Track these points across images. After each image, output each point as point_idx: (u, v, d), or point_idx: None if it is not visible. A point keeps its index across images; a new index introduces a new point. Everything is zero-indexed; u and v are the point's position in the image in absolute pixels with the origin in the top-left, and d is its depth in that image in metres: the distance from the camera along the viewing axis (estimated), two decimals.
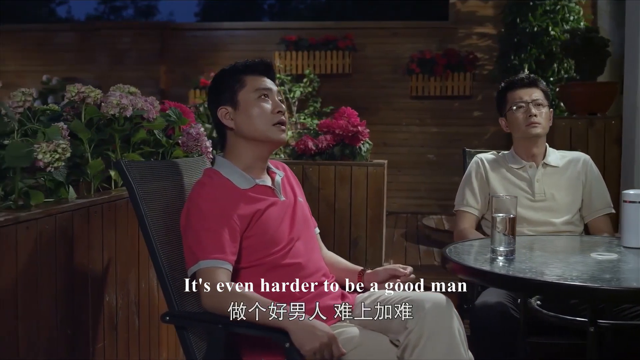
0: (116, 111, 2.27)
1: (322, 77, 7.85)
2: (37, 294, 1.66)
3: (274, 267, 1.87)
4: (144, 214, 1.78)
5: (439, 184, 8.00)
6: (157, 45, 8.40)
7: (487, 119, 8.00)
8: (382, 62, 8.10)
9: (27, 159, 1.57)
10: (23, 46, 8.78)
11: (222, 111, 1.96)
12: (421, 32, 8.17)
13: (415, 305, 1.73)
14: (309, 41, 7.86)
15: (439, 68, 7.75)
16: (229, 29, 8.73)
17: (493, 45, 7.94)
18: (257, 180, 1.96)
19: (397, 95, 8.06)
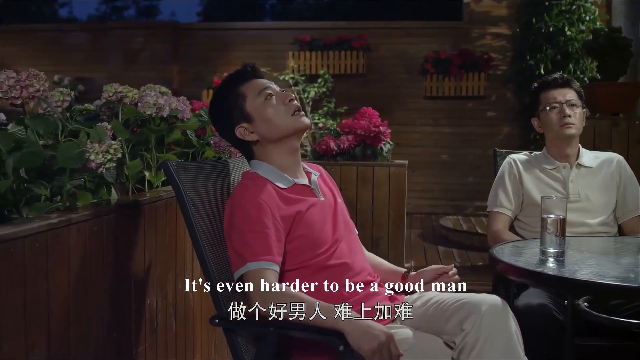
0: (153, 111, 2.24)
1: (336, 77, 7.84)
2: (87, 297, 1.63)
3: (320, 268, 1.85)
4: (191, 215, 1.75)
5: (452, 185, 7.98)
6: (169, 45, 8.38)
7: (500, 120, 7.98)
8: (396, 62, 8.08)
9: (79, 159, 1.54)
10: (34, 46, 8.77)
11: (240, 130, 1.95)
12: (435, 32, 8.16)
13: (471, 307, 1.71)
14: (323, 41, 7.83)
15: (453, 68, 7.73)
16: (241, 29, 8.72)
17: (507, 45, 7.92)
18: (295, 180, 1.94)
19: (411, 95, 8.04)
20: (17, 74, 1.59)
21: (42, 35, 9.13)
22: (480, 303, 1.71)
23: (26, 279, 1.36)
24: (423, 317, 1.82)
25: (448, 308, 1.75)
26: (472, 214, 7.51)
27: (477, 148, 8.01)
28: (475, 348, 1.65)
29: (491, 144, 8.00)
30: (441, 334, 1.76)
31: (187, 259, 2.36)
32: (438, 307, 1.79)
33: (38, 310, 1.42)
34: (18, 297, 1.33)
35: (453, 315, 1.72)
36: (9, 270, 1.29)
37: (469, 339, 1.66)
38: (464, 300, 1.74)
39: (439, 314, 1.77)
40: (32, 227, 1.37)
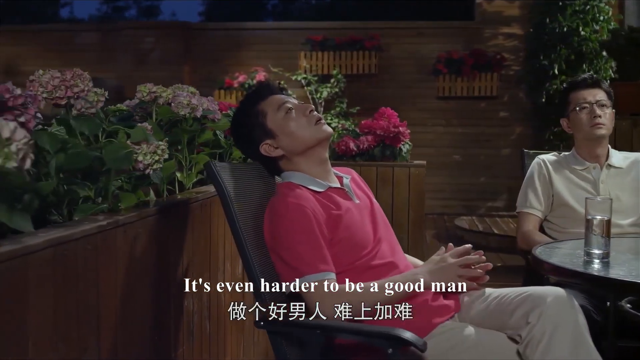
0: (187, 111, 2.22)
1: (348, 77, 7.81)
2: (132, 300, 1.61)
3: (365, 269, 1.84)
4: (235, 217, 1.74)
5: (464, 185, 7.96)
6: (180, 46, 8.36)
7: (513, 120, 7.96)
8: (407, 62, 8.06)
9: (127, 161, 1.52)
10: (44, 46, 8.76)
11: (264, 147, 1.96)
12: (447, 32, 8.14)
13: (535, 299, 1.70)
14: (334, 41, 7.81)
15: (466, 68, 7.70)
16: (252, 29, 8.69)
17: (519, 45, 7.89)
18: (329, 184, 1.94)
19: (423, 95, 8.01)
20: (61, 73, 1.57)
21: (52, 35, 9.11)
22: (545, 295, 1.70)
23: (79, 282, 1.34)
24: (484, 313, 1.81)
25: (511, 302, 1.74)
26: (484, 214, 7.49)
27: (489, 148, 7.99)
28: (542, 340, 1.64)
29: (503, 145, 7.99)
30: (505, 328, 1.74)
31: (220, 260, 2.34)
32: (500, 302, 1.78)
33: (89, 313, 1.40)
34: (72, 301, 1.31)
35: (517, 309, 1.71)
36: (65, 273, 1.27)
37: (535, 332, 1.65)
38: (527, 293, 1.73)
39: (501, 309, 1.76)
40: (84, 230, 1.35)
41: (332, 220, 1.84)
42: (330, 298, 1.70)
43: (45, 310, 1.21)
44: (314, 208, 1.81)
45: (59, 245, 1.25)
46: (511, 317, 1.72)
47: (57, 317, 1.26)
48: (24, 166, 1.10)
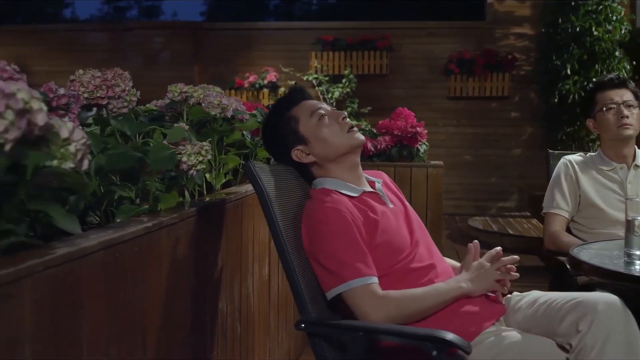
0: (217, 111, 2.21)
1: (359, 77, 7.80)
2: (173, 302, 1.59)
3: (405, 273, 1.82)
4: (275, 219, 1.72)
5: (475, 185, 7.94)
6: (190, 46, 8.35)
7: (524, 120, 7.94)
8: (418, 62, 8.04)
9: (171, 161, 1.50)
10: (53, 46, 8.75)
11: (296, 153, 1.96)
12: (458, 32, 8.11)
13: (586, 306, 1.66)
14: (346, 41, 7.79)
15: (478, 68, 7.68)
16: (262, 29, 8.67)
17: (530, 45, 7.87)
18: (362, 188, 1.94)
19: (434, 95, 7.99)
20: (102, 73, 1.56)
21: (60, 36, 9.10)
22: (596, 302, 1.66)
23: (127, 284, 1.32)
24: (532, 319, 1.78)
25: (561, 308, 1.71)
26: (495, 214, 7.47)
27: (500, 149, 7.97)
28: (594, 349, 1.60)
29: (514, 145, 7.97)
30: (554, 335, 1.71)
31: (249, 262, 2.32)
32: (549, 308, 1.75)
33: (136, 316, 1.38)
34: (121, 303, 1.29)
35: (567, 316, 1.67)
36: (115, 275, 1.26)
37: (587, 340, 1.61)
38: (578, 300, 1.70)
39: (550, 315, 1.73)
40: (133, 231, 1.33)
41: (370, 225, 1.83)
42: (374, 303, 1.70)
43: (98, 313, 1.19)
44: (352, 212, 1.80)
45: (111, 247, 1.23)
46: (561, 324, 1.69)
47: (108, 320, 1.24)
48: (81, 167, 1.08)
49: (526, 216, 7.12)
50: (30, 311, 0.97)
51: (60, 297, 1.06)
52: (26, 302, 0.97)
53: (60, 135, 1.05)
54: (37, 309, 0.99)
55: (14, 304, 0.94)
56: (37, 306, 0.99)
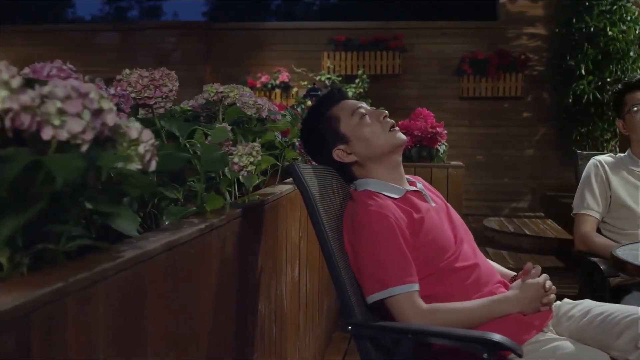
0: (253, 112, 2.19)
1: (371, 77, 7.78)
2: (221, 305, 1.57)
3: (450, 272, 1.80)
4: (321, 220, 1.70)
5: (487, 186, 7.90)
6: (201, 46, 8.33)
7: (536, 120, 7.91)
8: (431, 62, 8.01)
9: (223, 162, 1.48)
10: (65, 46, 8.73)
11: (337, 152, 1.94)
12: (470, 32, 8.09)
13: None
14: (359, 41, 7.76)
15: (491, 69, 7.65)
16: (274, 29, 8.66)
17: (543, 45, 7.84)
18: (406, 188, 1.92)
19: (446, 96, 7.97)
20: (150, 73, 1.54)
21: (72, 36, 9.09)
22: None
23: (184, 287, 1.30)
24: (586, 329, 1.75)
25: (619, 322, 1.67)
26: (509, 215, 7.44)
27: (512, 149, 7.94)
28: None
29: (527, 145, 7.94)
30: (609, 349, 1.67)
31: (283, 263, 2.31)
32: (605, 320, 1.71)
33: (192, 319, 1.36)
34: (179, 307, 1.27)
35: (625, 331, 1.64)
36: (174, 278, 1.24)
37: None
38: (637, 316, 1.66)
39: (607, 328, 1.69)
40: (189, 233, 1.31)
41: (414, 225, 1.81)
42: (418, 312, 1.68)
43: (160, 317, 1.17)
44: (397, 216, 1.78)
45: (171, 249, 1.21)
46: (618, 339, 1.65)
47: (169, 323, 1.22)
48: (148, 168, 1.06)
49: (540, 216, 7.09)
50: (104, 315, 0.96)
51: (128, 301, 1.05)
52: (100, 306, 0.95)
53: (130, 136, 1.03)
54: (110, 314, 0.97)
55: (89, 309, 0.92)
56: (109, 310, 0.97)
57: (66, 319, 0.86)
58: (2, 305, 0.73)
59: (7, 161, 0.87)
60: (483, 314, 1.72)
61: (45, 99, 0.89)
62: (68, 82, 0.93)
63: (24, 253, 0.96)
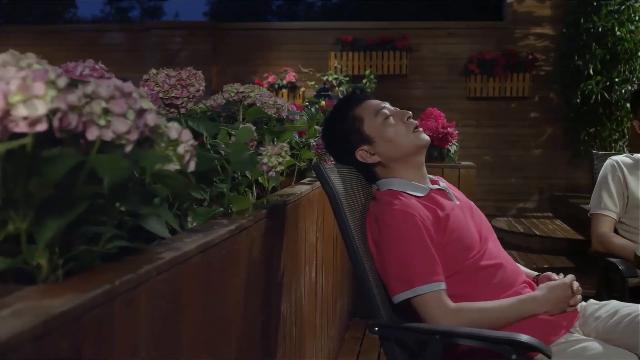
0: (273, 112, 2.18)
1: (378, 77, 7.76)
2: (249, 307, 1.56)
3: (476, 270, 1.80)
4: (346, 220, 1.69)
5: (495, 186, 7.89)
6: (208, 46, 8.31)
7: (544, 120, 7.89)
8: (438, 62, 8.00)
9: (252, 163, 1.47)
10: (72, 47, 8.72)
11: (361, 153, 1.94)
12: (477, 33, 8.07)
13: None
14: (366, 41, 7.75)
15: (498, 69, 7.64)
16: (280, 29, 8.63)
17: (550, 45, 7.83)
18: (429, 186, 1.91)
19: (453, 96, 7.95)
20: (177, 72, 1.53)
21: (78, 36, 9.09)
22: None
23: (217, 289, 1.29)
24: (614, 330, 1.74)
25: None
26: (516, 215, 7.43)
27: (520, 149, 7.93)
28: None
29: (534, 145, 7.92)
30: (638, 350, 1.66)
31: (301, 264, 2.30)
32: (633, 321, 1.70)
33: (223, 322, 1.35)
34: (212, 309, 1.26)
35: None
36: (208, 280, 1.23)
37: None
38: None
39: (635, 330, 1.68)
40: (220, 235, 1.30)
41: (440, 223, 1.80)
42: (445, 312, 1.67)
43: (194, 319, 1.16)
44: (422, 214, 1.77)
45: (205, 251, 1.20)
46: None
47: (202, 324, 1.21)
48: (187, 169, 1.05)
49: (548, 217, 7.08)
50: (146, 317, 0.95)
51: (167, 303, 1.04)
52: (142, 308, 0.94)
53: (170, 136, 1.02)
54: (151, 315, 0.97)
55: (133, 311, 0.91)
56: (151, 312, 0.96)
57: (113, 321, 0.85)
58: (54, 309, 0.72)
59: (52, 162, 0.86)
60: (511, 314, 1.71)
61: (89, 99, 0.88)
62: (111, 82, 0.92)
63: (63, 255, 0.95)
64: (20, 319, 0.68)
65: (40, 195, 0.87)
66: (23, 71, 0.83)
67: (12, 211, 0.90)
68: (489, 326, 1.68)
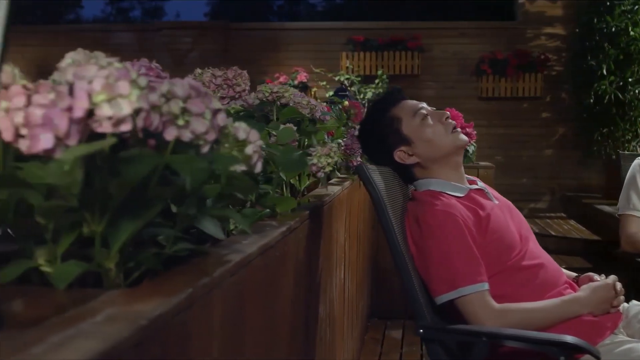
0: (307, 112, 2.16)
1: (390, 77, 7.74)
2: (295, 309, 1.55)
3: (517, 270, 1.78)
4: (390, 221, 1.68)
5: (506, 186, 7.85)
6: (218, 46, 8.29)
7: (555, 120, 7.87)
8: (449, 62, 7.98)
9: (302, 164, 1.45)
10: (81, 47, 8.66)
11: (399, 154, 1.92)
12: (488, 33, 8.04)
13: None
14: (377, 42, 7.73)
15: (510, 69, 7.61)
16: (291, 29, 8.61)
17: (562, 45, 7.80)
18: (468, 186, 1.90)
19: (465, 96, 7.93)
20: (223, 72, 1.51)
21: (87, 36, 9.08)
22: None
23: (272, 291, 1.28)
24: None
25: None
26: (528, 215, 7.40)
27: (531, 149, 7.91)
28: None
29: (545, 145, 7.90)
30: None
31: (334, 264, 2.28)
32: None
33: (276, 324, 1.34)
34: (270, 312, 1.25)
35: None
36: (266, 281, 1.21)
37: None
38: None
39: None
40: (275, 236, 1.28)
41: (481, 223, 1.78)
42: (490, 312, 1.66)
43: (255, 320, 1.15)
44: (463, 214, 1.76)
45: (263, 252, 1.18)
46: None
47: (261, 326, 1.20)
48: (254, 169, 1.03)
49: (562, 217, 7.06)
50: (218, 320, 0.93)
51: (234, 306, 1.02)
52: (216, 311, 0.92)
53: (238, 136, 1.00)
54: (223, 318, 0.95)
55: (207, 314, 0.90)
56: (222, 315, 0.95)
57: (193, 324, 0.84)
58: (147, 314, 0.70)
59: (132, 163, 0.84)
60: (555, 315, 1.70)
61: (166, 99, 0.86)
62: (185, 81, 0.91)
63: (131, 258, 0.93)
64: (115, 324, 0.67)
65: (119, 198, 0.85)
66: (105, 70, 0.81)
67: (88, 213, 0.88)
68: (532, 327, 1.67)
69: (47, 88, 0.84)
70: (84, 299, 0.77)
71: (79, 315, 0.69)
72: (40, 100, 0.81)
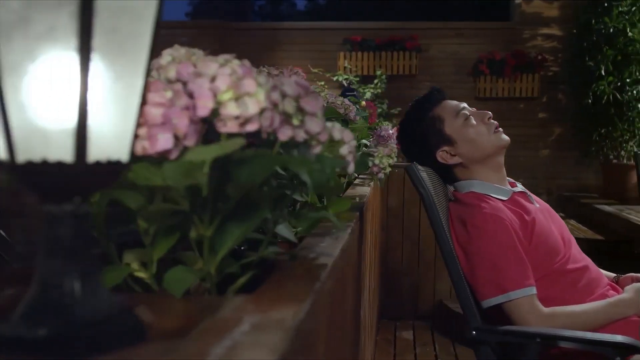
0: (342, 112, 2.15)
1: (387, 78, 7.73)
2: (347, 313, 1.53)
3: (562, 274, 1.78)
4: (440, 222, 1.66)
5: None
6: (216, 45, 8.23)
7: (552, 121, 7.91)
8: (446, 62, 7.98)
9: (363, 165, 1.44)
10: None
11: (441, 154, 1.92)
12: (486, 33, 8.06)
13: None
14: (375, 42, 7.71)
15: (508, 69, 7.63)
16: (289, 29, 8.56)
17: (558, 46, 7.84)
18: (511, 189, 1.89)
19: (462, 96, 7.86)
20: (279, 71, 1.49)
21: None
22: None
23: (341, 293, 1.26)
24: None
25: None
26: None
27: (528, 149, 7.94)
28: None
29: (542, 146, 7.93)
30: None
31: (367, 265, 2.27)
32: None
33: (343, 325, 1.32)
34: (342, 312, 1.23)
35: None
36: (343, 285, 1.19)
37: None
38: None
39: None
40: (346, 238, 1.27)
41: (527, 227, 1.78)
42: (539, 317, 1.66)
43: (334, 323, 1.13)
44: (510, 218, 1.75)
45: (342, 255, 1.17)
46: None
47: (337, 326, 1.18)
48: (348, 170, 1.01)
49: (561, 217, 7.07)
50: (325, 325, 0.92)
51: (331, 310, 1.01)
52: (321, 316, 0.91)
53: (334, 136, 0.98)
54: (326, 322, 0.93)
55: (318, 320, 0.88)
56: (328, 320, 0.93)
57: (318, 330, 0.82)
58: (290, 322, 0.68)
59: (248, 164, 0.82)
60: (602, 317, 1.70)
61: None
62: (291, 80, 0.89)
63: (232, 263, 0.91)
64: (266, 334, 0.64)
65: (235, 201, 0.83)
66: (227, 67, 0.79)
67: (197, 217, 0.86)
68: (580, 330, 1.67)
69: (160, 86, 0.82)
70: (210, 307, 0.74)
71: (222, 325, 0.66)
72: (156, 98, 0.79)
